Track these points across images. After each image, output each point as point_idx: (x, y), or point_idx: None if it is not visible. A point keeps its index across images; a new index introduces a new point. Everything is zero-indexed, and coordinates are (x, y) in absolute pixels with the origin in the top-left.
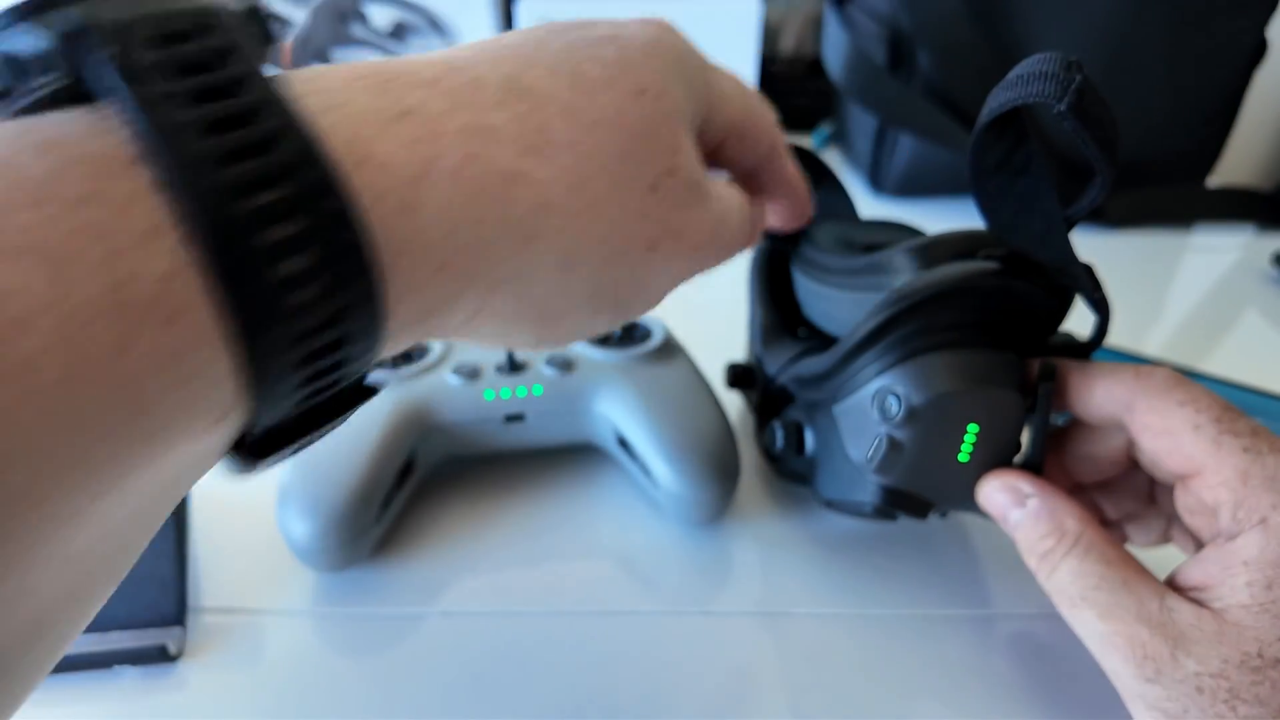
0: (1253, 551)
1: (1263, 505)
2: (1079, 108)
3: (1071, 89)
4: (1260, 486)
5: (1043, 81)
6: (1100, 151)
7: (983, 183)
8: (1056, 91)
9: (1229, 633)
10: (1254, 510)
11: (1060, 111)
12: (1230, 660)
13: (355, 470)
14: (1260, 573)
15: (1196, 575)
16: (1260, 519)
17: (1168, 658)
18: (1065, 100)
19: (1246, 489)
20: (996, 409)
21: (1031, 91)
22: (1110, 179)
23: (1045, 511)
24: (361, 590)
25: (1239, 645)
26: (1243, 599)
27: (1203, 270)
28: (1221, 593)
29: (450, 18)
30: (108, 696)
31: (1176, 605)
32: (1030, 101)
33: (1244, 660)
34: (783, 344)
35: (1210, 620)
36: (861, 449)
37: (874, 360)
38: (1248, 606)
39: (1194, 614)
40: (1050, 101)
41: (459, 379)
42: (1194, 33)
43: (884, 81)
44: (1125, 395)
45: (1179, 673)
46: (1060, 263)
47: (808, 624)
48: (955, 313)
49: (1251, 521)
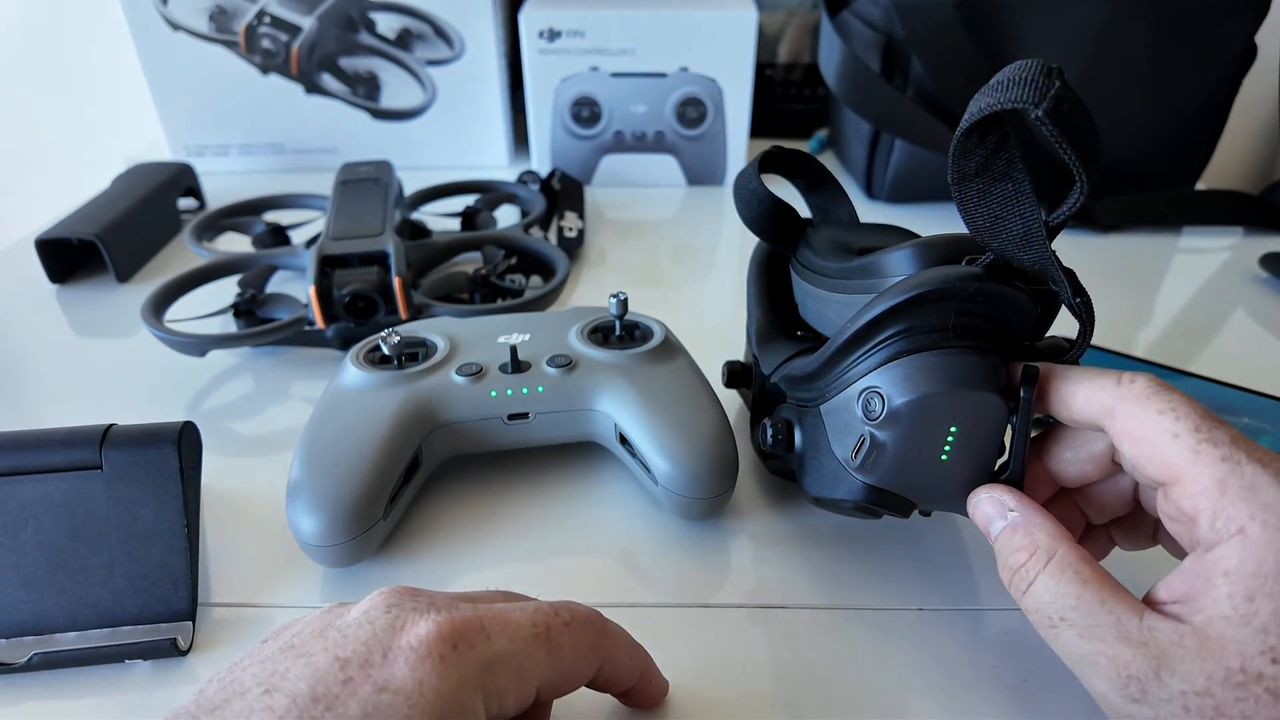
0: (1232, 562)
1: (1240, 515)
2: (1056, 114)
3: (1049, 95)
4: (1238, 496)
5: (1021, 87)
6: (1078, 158)
7: (963, 187)
8: (1034, 97)
9: (1212, 648)
10: (1232, 520)
11: (1037, 117)
12: (1214, 677)
13: (362, 467)
14: (1241, 584)
15: (1178, 587)
16: (1239, 529)
17: (1152, 677)
18: (1042, 106)
19: (1225, 499)
20: (977, 411)
21: (1010, 97)
22: (1088, 185)
23: (1021, 525)
24: (369, 585)
25: (1222, 661)
26: (1224, 611)
27: (1191, 272)
28: (1203, 604)
29: (455, 26)
30: (120, 690)
31: (1156, 623)
32: (1008, 107)
33: (1228, 676)
34: (778, 344)
35: (1191, 636)
36: (846, 447)
37: (859, 361)
38: (1229, 619)
39: (1175, 631)
40: (1027, 107)
41: (464, 378)
42: (1183, 38)
43: (878, 88)
44: (1107, 401)
45: (1164, 692)
46: (1040, 268)
47: (802, 618)
48: (938, 315)
49: (1230, 532)
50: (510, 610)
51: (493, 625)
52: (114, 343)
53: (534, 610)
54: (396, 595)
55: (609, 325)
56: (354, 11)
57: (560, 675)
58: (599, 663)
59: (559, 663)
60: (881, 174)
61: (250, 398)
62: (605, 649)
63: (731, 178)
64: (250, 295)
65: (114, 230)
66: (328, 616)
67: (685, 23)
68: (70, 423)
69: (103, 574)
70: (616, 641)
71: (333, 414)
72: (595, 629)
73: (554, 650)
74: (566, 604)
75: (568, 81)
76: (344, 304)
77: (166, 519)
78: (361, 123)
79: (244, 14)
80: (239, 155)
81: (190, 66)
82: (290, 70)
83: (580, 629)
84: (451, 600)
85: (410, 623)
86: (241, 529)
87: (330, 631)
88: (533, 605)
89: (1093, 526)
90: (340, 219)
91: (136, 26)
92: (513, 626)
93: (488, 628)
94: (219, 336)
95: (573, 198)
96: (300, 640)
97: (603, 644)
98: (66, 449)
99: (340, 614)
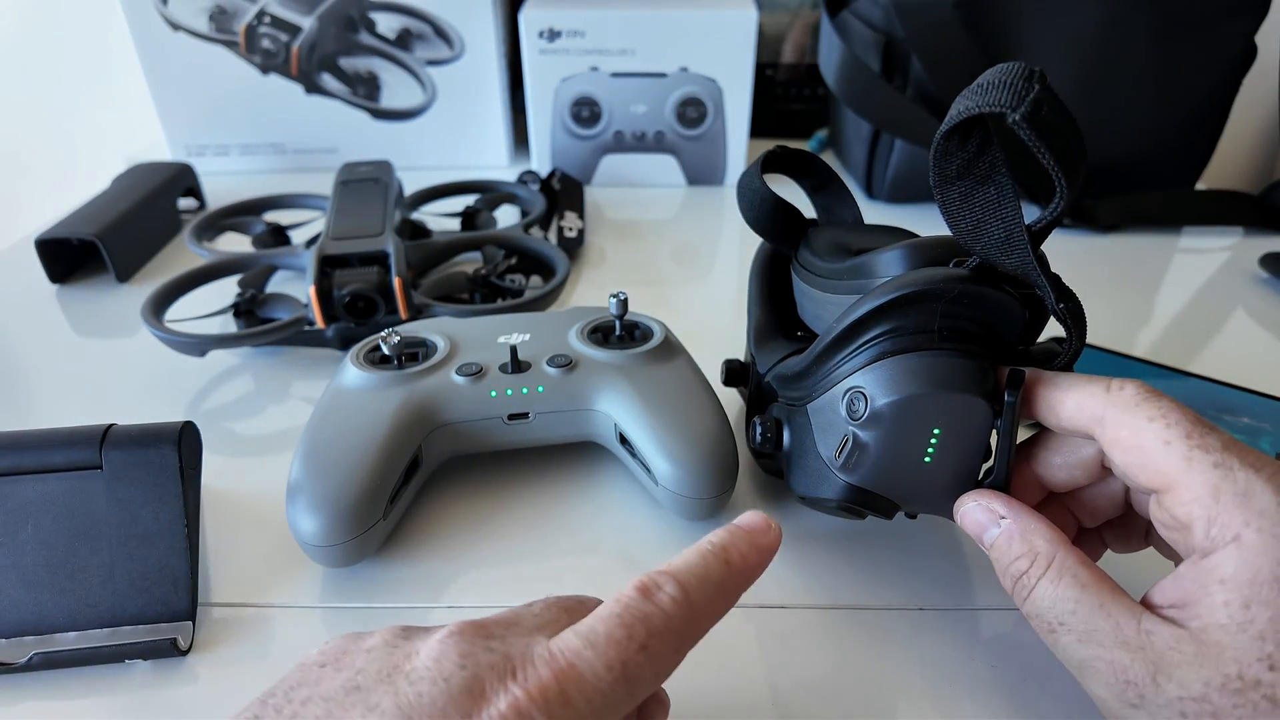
0: (1228, 569)
1: (1235, 522)
2: (1034, 118)
3: (1028, 99)
4: (1232, 503)
5: (1000, 90)
6: (1057, 163)
7: (945, 190)
8: (1012, 101)
9: (1209, 655)
10: (1227, 527)
11: (1014, 121)
12: (1212, 684)
13: (362, 467)
14: (1237, 592)
15: (1173, 593)
16: (1234, 536)
17: (1149, 682)
18: (1020, 110)
19: (1219, 506)
20: (961, 414)
21: (989, 100)
22: (1069, 190)
23: (1017, 532)
24: (369, 585)
25: (1219, 667)
26: (1220, 618)
27: (1191, 272)
28: (1199, 611)
29: (455, 26)
30: (120, 689)
31: (1154, 627)
32: (986, 110)
33: (1225, 683)
34: (775, 344)
35: (1189, 642)
36: (830, 446)
37: (844, 361)
38: (1225, 626)
39: (1173, 635)
40: (1005, 110)
41: (464, 378)
42: (1183, 38)
43: (878, 88)
44: (1096, 409)
45: (1161, 698)
46: (1023, 273)
47: (799, 617)
48: (924, 317)
49: (1225, 539)
50: (583, 654)
51: (572, 686)
52: (114, 343)
53: (607, 642)
54: (469, 643)
55: (609, 325)
56: (354, 11)
57: (643, 697)
58: (680, 661)
59: (641, 693)
60: (881, 174)
61: (250, 398)
62: (688, 646)
63: (731, 178)
64: (250, 295)
65: (114, 230)
66: (394, 655)
67: (685, 23)
68: (70, 423)
69: (103, 574)
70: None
71: (333, 414)
72: (675, 636)
73: (634, 686)
74: (641, 613)
75: (568, 81)
76: (344, 304)
77: (166, 519)
78: (361, 123)
79: (244, 14)
80: (239, 155)
81: (190, 66)
82: (290, 70)
83: (658, 644)
84: (524, 648)
85: (490, 690)
86: (241, 529)
87: (399, 679)
88: (604, 633)
89: (1084, 529)
90: (340, 219)
91: (136, 26)
92: (590, 681)
93: (568, 691)
94: (219, 336)
95: (573, 198)
96: (366, 682)
97: (684, 645)
98: (66, 449)
99: (408, 652)
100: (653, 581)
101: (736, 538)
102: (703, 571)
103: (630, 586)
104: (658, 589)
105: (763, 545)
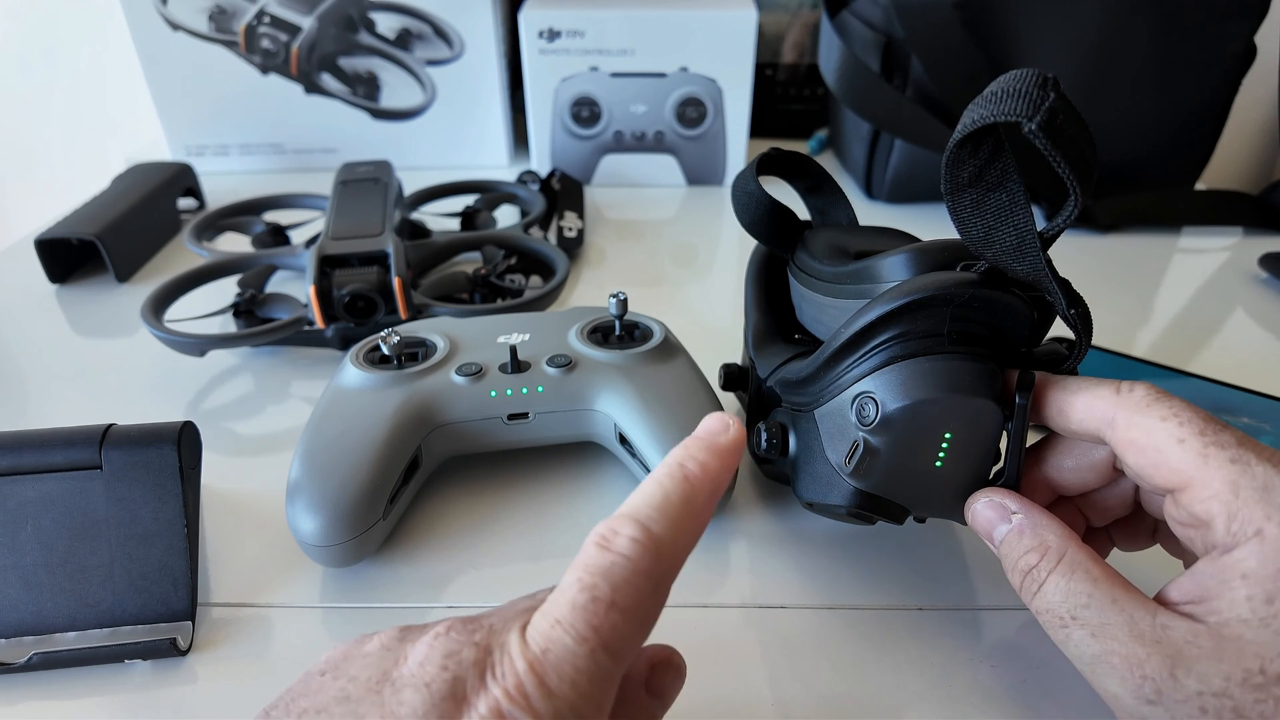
0: (1251, 564)
1: (1257, 517)
2: (1050, 127)
3: (1044, 108)
4: (1252, 498)
5: (1015, 99)
6: (1072, 171)
7: (956, 197)
8: (1028, 110)
9: (1229, 649)
10: (1249, 522)
11: (1030, 131)
12: (1233, 678)
13: (362, 467)
14: (1260, 586)
15: (1191, 589)
16: (1256, 530)
17: (1167, 677)
18: (1036, 119)
19: (1239, 501)
20: (972, 417)
21: (1004, 109)
22: (1083, 198)
23: (1028, 527)
24: (368, 585)
25: (1240, 662)
26: (1242, 613)
27: (1191, 272)
28: (1219, 606)
29: (455, 26)
30: (120, 689)
31: (1170, 621)
32: (1002, 119)
33: (1246, 678)
34: (775, 348)
35: (1207, 635)
36: (839, 452)
37: (853, 366)
38: (1247, 621)
39: (1189, 629)
40: (1021, 120)
41: (464, 378)
42: (1183, 39)
43: (878, 88)
44: (1106, 411)
45: (1180, 693)
46: (1035, 278)
47: (800, 618)
48: (933, 321)
49: (1247, 534)
50: (552, 634)
51: (550, 672)
52: (114, 343)
53: (573, 613)
54: (455, 641)
55: (609, 325)
56: (354, 11)
57: (632, 654)
58: (663, 602)
59: (629, 651)
60: (881, 174)
61: (250, 398)
62: (668, 583)
63: (731, 178)
64: (250, 295)
65: (114, 230)
66: (386, 661)
67: (685, 23)
68: (70, 423)
69: (102, 574)
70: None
71: (332, 414)
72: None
73: (616, 650)
74: (599, 568)
75: (567, 81)
76: (344, 304)
77: (166, 519)
78: (361, 123)
79: (244, 14)
80: (239, 155)
81: (190, 66)
82: (290, 70)
83: (627, 596)
84: (502, 641)
85: (471, 692)
86: (241, 529)
87: (385, 689)
88: (566, 604)
89: (1092, 528)
90: (340, 219)
91: (136, 26)
92: (567, 661)
93: (546, 680)
94: (219, 336)
95: (572, 198)
96: (356, 691)
97: (662, 584)
98: (66, 449)
99: (398, 657)
100: (608, 529)
101: (691, 448)
102: (661, 498)
103: (587, 541)
104: (614, 534)
105: (722, 447)
